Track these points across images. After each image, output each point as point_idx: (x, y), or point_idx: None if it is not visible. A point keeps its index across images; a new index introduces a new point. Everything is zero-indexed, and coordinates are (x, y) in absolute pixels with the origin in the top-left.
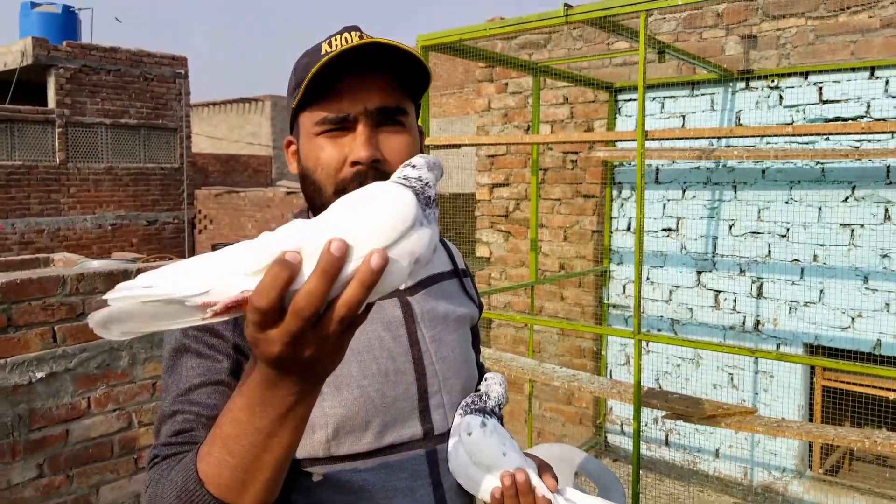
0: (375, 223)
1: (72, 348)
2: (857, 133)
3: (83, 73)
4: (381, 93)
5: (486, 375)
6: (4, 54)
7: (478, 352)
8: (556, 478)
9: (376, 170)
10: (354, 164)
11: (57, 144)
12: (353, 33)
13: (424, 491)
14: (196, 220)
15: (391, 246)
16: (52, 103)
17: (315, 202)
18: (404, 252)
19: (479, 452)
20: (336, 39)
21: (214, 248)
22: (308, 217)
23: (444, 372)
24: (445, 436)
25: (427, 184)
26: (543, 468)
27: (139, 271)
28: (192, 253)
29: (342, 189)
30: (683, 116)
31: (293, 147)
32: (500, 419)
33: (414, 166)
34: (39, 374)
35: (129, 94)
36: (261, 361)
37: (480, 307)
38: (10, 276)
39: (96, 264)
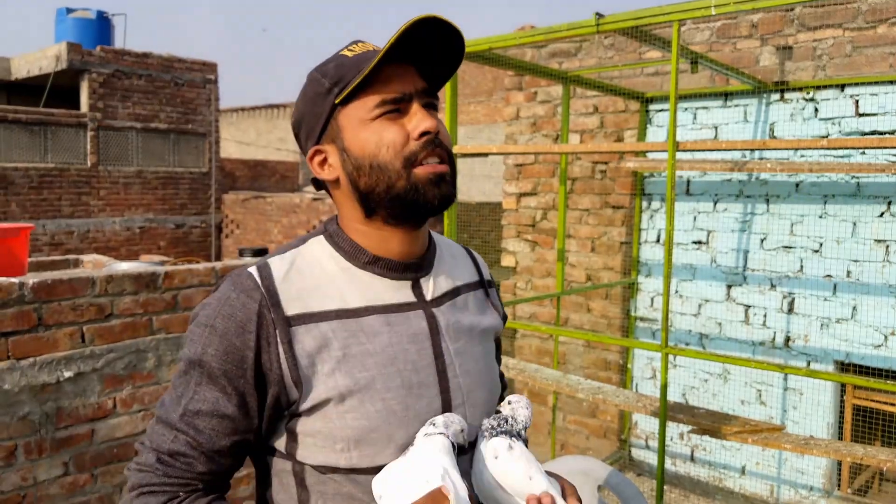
0: None
1: (99, 349)
2: (895, 147)
3: (115, 78)
4: (418, 77)
5: (509, 398)
6: (40, 59)
7: (499, 362)
8: (580, 500)
9: (439, 143)
10: (423, 134)
11: (89, 147)
12: (367, 43)
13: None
14: (223, 225)
15: None
16: (84, 107)
17: (377, 189)
18: None
19: (506, 476)
20: (356, 46)
21: (241, 253)
22: (331, 235)
23: (468, 385)
24: (469, 448)
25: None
26: (568, 490)
27: (167, 275)
28: (219, 257)
29: (412, 160)
30: (716, 128)
31: (321, 156)
32: (525, 441)
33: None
34: (67, 374)
35: (159, 98)
36: None
37: (504, 318)
38: (42, 277)
39: (125, 266)
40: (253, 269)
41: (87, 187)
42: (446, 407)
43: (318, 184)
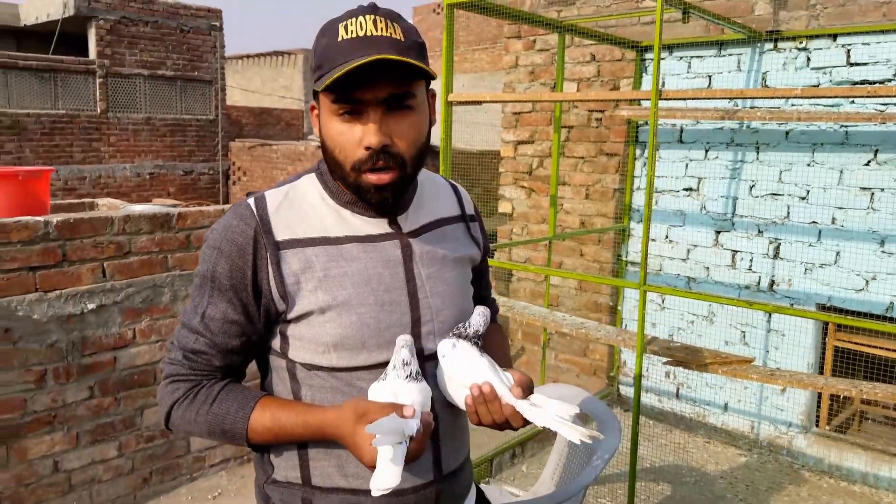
0: None
1: (119, 283)
2: (883, 96)
3: (122, 25)
4: (391, 81)
5: (475, 308)
6: (47, 5)
7: (485, 287)
8: (529, 390)
9: (386, 153)
10: (368, 148)
11: (98, 94)
12: (367, 17)
13: None
14: (230, 172)
15: None
16: (92, 54)
17: (335, 173)
18: None
19: (452, 369)
20: (351, 24)
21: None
22: (321, 174)
23: (438, 305)
24: (434, 355)
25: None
26: (520, 383)
27: (180, 216)
28: (227, 202)
29: (358, 168)
30: (710, 76)
31: (316, 111)
32: (479, 344)
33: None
34: (90, 306)
35: (165, 45)
36: (337, 434)
37: (486, 250)
38: (65, 217)
39: (139, 208)
40: (251, 200)
41: (97, 133)
42: (415, 322)
43: None
